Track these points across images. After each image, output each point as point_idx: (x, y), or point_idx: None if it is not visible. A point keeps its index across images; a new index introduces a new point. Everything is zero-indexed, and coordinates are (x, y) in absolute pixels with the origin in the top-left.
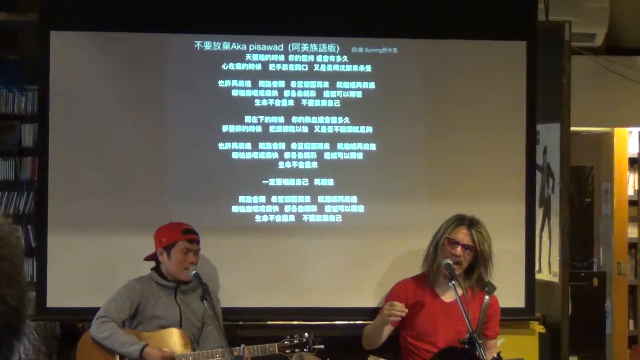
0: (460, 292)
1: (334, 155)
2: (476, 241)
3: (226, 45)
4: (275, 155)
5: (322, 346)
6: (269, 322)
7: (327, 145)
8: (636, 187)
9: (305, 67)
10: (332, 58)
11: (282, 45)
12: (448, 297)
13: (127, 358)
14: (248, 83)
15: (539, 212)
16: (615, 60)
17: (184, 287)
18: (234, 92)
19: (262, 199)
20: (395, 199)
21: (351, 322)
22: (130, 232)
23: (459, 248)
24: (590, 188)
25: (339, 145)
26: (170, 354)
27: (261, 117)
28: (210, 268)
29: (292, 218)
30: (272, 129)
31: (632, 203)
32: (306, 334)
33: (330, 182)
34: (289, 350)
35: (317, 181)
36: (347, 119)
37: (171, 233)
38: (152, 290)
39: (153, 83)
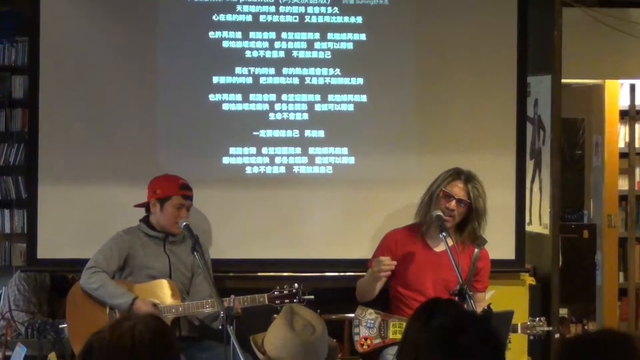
0: (450, 243)
1: (324, 107)
2: (471, 196)
3: None
4: (266, 106)
5: (312, 297)
6: (259, 274)
7: (317, 97)
8: (627, 139)
9: (296, 19)
10: (323, 9)
11: None
12: (439, 247)
13: (117, 309)
14: (239, 34)
15: (530, 164)
16: (607, 12)
17: (172, 238)
18: (225, 44)
19: (253, 150)
20: (385, 151)
21: (341, 274)
22: (120, 184)
23: (454, 202)
24: (581, 140)
25: (330, 97)
26: (158, 311)
27: (252, 69)
28: (201, 219)
29: (282, 169)
30: (262, 80)
31: (622, 155)
32: (296, 285)
33: (320, 133)
34: (278, 301)
35: (307, 132)
36: (338, 71)
37: (167, 186)
38: (140, 241)
39: (143, 35)
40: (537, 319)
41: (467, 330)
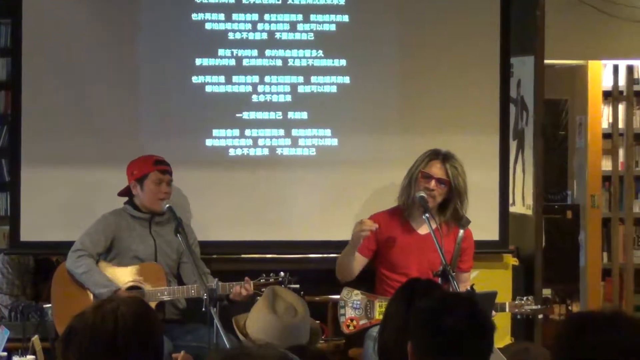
0: (434, 225)
1: (307, 89)
2: (450, 175)
3: None
4: (249, 88)
5: (298, 286)
6: (243, 256)
7: (300, 79)
8: (610, 120)
9: (278, 0)
10: None
11: None
12: (422, 230)
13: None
14: (221, 16)
15: (513, 145)
16: None
17: (158, 219)
18: (207, 25)
19: (236, 132)
20: (368, 132)
21: (325, 255)
22: (104, 166)
23: (433, 182)
24: (564, 121)
25: (313, 79)
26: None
27: (235, 51)
28: (185, 201)
29: (265, 151)
30: (245, 62)
31: (605, 136)
32: (282, 273)
33: (304, 115)
34: (264, 289)
35: (290, 114)
36: (320, 52)
37: (142, 165)
38: (126, 223)
39: (126, 17)
40: (525, 298)
41: (452, 311)
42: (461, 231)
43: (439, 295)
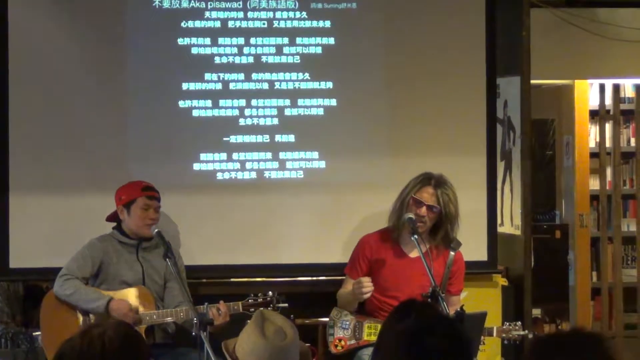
0: (423, 247)
1: (294, 112)
2: (441, 202)
3: (185, 3)
4: (236, 112)
5: (286, 305)
6: (232, 280)
7: (287, 102)
8: (597, 139)
9: (264, 24)
10: (291, 14)
11: (240, 2)
12: (413, 253)
13: (93, 314)
14: (207, 40)
15: (500, 166)
16: (575, 12)
17: (145, 244)
18: (194, 50)
19: (224, 156)
20: (356, 154)
21: (315, 278)
22: (92, 192)
23: (424, 208)
24: (551, 141)
25: (300, 101)
26: (135, 307)
27: (221, 74)
28: (173, 226)
29: (253, 175)
30: (232, 86)
31: (593, 155)
32: (270, 293)
33: (291, 138)
34: (253, 309)
35: (278, 137)
36: (307, 75)
37: (130, 190)
38: (114, 248)
39: (112, 42)
40: (513, 323)
41: (434, 332)
42: (452, 254)
43: (416, 316)
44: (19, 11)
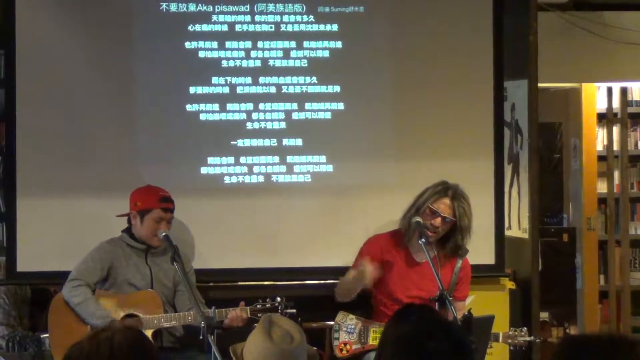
0: (432, 253)
1: (302, 115)
2: (457, 215)
3: (192, 7)
4: (243, 115)
5: (294, 310)
6: (239, 283)
7: (295, 105)
8: (605, 143)
9: (271, 27)
10: (298, 18)
11: (247, 6)
12: (421, 257)
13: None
14: (215, 44)
15: (508, 169)
16: (582, 15)
17: (154, 249)
18: (201, 54)
19: (231, 160)
20: (363, 158)
21: (322, 282)
22: (99, 195)
23: (439, 219)
24: (559, 144)
25: (307, 105)
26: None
27: (228, 78)
28: (180, 230)
29: (261, 179)
30: (239, 89)
31: (600, 158)
32: (278, 298)
33: (298, 142)
34: (260, 314)
35: (285, 141)
36: (314, 79)
37: (147, 198)
38: (123, 252)
39: (119, 46)
40: (519, 329)
41: (433, 336)
42: (459, 261)
43: (415, 320)
44: (26, 15)
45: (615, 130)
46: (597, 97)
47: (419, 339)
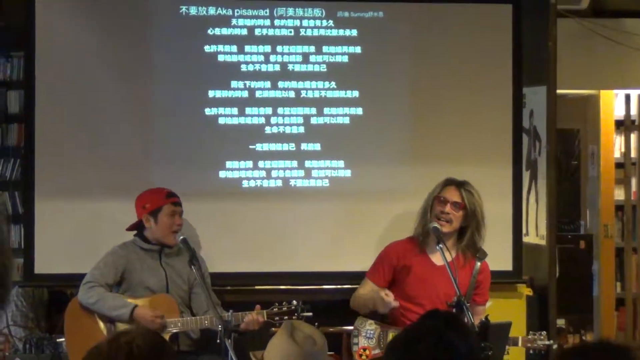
0: (448, 256)
1: (320, 120)
2: (465, 199)
3: (212, 10)
4: (262, 120)
5: (310, 314)
6: (256, 287)
7: (313, 110)
8: (622, 150)
9: (291, 32)
10: (317, 22)
11: (267, 10)
12: (438, 260)
13: (118, 321)
14: (234, 48)
15: (526, 175)
16: (601, 22)
17: (167, 250)
18: (220, 57)
19: (249, 164)
20: (381, 163)
21: (339, 287)
22: (117, 198)
23: (448, 205)
24: (576, 150)
25: (326, 110)
26: (160, 313)
27: (247, 82)
28: (198, 233)
29: (279, 183)
30: (258, 93)
31: (618, 165)
32: (294, 302)
33: (317, 146)
34: (277, 318)
35: (304, 146)
36: (333, 84)
37: (155, 198)
38: (137, 255)
39: (139, 49)
40: (538, 333)
41: (421, 341)
42: (478, 264)
43: (407, 326)
44: (46, 17)
45: (633, 137)
46: (615, 104)
47: (409, 344)
